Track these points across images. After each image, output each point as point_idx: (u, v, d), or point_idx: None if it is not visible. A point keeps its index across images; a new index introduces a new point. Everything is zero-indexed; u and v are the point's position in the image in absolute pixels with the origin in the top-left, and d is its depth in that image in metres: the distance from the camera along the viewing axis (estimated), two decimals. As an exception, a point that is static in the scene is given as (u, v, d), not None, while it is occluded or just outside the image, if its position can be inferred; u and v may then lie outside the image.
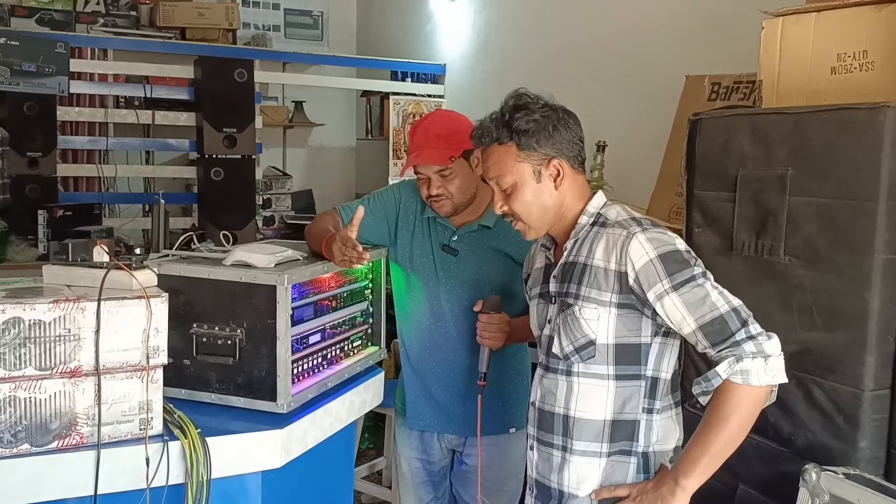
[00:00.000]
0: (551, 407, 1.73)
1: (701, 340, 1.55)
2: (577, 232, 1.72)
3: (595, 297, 1.64)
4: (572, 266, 1.70)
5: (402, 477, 2.51)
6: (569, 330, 1.67)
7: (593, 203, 1.74)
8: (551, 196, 1.71)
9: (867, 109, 1.75)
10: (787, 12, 2.09)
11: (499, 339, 2.11)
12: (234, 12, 5.38)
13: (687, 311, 1.54)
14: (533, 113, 1.69)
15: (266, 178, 5.26)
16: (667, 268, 1.56)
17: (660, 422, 1.67)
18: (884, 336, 1.76)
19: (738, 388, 1.50)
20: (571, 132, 1.72)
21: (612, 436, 1.66)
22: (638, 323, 1.63)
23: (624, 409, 1.65)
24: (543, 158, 1.70)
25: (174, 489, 1.61)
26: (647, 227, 1.62)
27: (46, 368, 1.52)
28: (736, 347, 1.50)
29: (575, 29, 4.12)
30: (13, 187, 3.94)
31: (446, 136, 2.18)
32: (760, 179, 1.98)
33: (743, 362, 1.49)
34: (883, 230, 1.73)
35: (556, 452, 1.72)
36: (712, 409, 1.54)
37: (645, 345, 1.65)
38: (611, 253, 1.62)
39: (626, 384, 1.65)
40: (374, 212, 2.33)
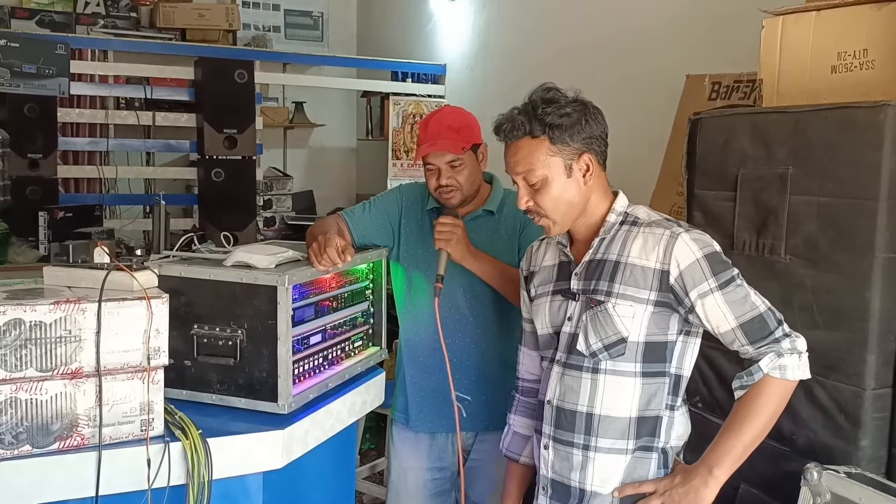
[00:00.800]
0: (573, 405, 1.71)
1: (739, 338, 1.59)
2: (606, 230, 1.72)
3: (632, 295, 1.64)
4: (601, 264, 1.70)
5: (405, 492, 2.40)
6: (598, 327, 1.67)
7: (620, 202, 1.75)
8: (580, 192, 1.71)
9: (867, 108, 1.75)
10: (787, 11, 2.09)
11: (451, 244, 2.18)
12: (235, 13, 5.38)
13: (729, 310, 1.58)
14: (564, 107, 1.68)
15: (266, 179, 5.26)
16: (712, 268, 1.59)
17: (678, 418, 1.70)
18: (885, 335, 1.76)
19: (775, 381, 1.56)
20: (600, 127, 1.72)
21: (637, 432, 1.67)
22: (667, 321, 1.65)
23: (649, 405, 1.67)
24: (575, 153, 1.69)
25: (175, 490, 1.61)
26: (687, 228, 1.65)
27: (47, 370, 1.52)
28: (776, 344, 1.56)
29: (575, 29, 4.12)
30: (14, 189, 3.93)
31: (458, 129, 2.27)
32: (761, 178, 1.98)
33: (783, 358, 1.55)
34: (884, 229, 1.73)
35: (577, 451, 1.70)
36: (747, 402, 1.58)
37: (671, 342, 1.67)
38: (651, 251, 1.64)
39: (651, 381, 1.67)
40: (376, 213, 2.38)
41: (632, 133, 3.50)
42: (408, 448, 2.40)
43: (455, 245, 2.19)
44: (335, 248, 1.96)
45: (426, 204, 2.38)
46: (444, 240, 2.18)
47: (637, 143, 3.44)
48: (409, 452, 2.40)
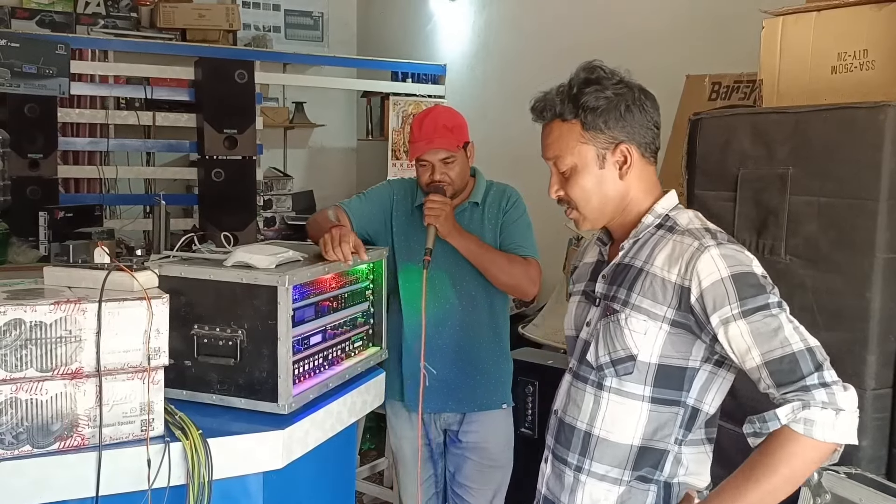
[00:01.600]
0: (573, 420, 1.56)
1: (764, 378, 1.35)
2: (638, 232, 1.54)
3: (647, 309, 1.45)
4: (626, 269, 1.52)
5: (402, 459, 2.64)
6: (609, 338, 1.50)
7: (663, 202, 1.55)
8: (614, 185, 1.52)
9: (868, 108, 1.76)
10: (787, 12, 2.09)
11: (440, 220, 2.31)
12: (235, 13, 5.38)
13: (754, 343, 1.35)
14: (605, 89, 1.49)
15: (267, 179, 5.26)
16: (739, 290, 1.36)
17: (691, 454, 1.50)
18: (885, 335, 1.76)
19: (798, 437, 1.29)
20: (647, 115, 1.52)
21: (636, 463, 1.49)
22: (689, 346, 1.45)
23: (655, 436, 1.48)
24: (610, 142, 1.51)
25: (176, 490, 1.61)
26: (722, 242, 1.43)
27: (48, 370, 1.52)
28: (805, 393, 1.30)
29: (575, 29, 4.12)
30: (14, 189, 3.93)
31: (452, 128, 2.43)
32: (761, 179, 1.98)
33: (809, 410, 1.29)
34: (884, 229, 1.73)
35: (569, 472, 1.56)
36: (761, 455, 1.34)
37: (691, 370, 1.46)
38: (675, 263, 1.44)
39: (661, 409, 1.47)
40: (371, 204, 2.55)
41: (632, 133, 3.51)
42: (402, 421, 2.60)
43: (444, 221, 2.34)
44: (350, 244, 2.03)
45: (416, 200, 2.52)
46: (434, 215, 2.33)
47: (637, 144, 3.44)
48: (403, 424, 2.60)
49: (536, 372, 2.94)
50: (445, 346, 2.48)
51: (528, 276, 2.42)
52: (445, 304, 2.47)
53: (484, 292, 2.49)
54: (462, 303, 2.48)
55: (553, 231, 3.84)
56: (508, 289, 2.48)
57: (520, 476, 2.76)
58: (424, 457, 2.59)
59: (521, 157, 4.80)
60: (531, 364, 2.99)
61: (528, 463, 2.87)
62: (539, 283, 2.47)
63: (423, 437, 2.57)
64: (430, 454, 2.62)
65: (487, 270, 2.41)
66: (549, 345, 3.57)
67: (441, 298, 2.46)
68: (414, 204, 2.53)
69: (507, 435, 2.57)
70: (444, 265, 2.44)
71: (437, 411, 2.52)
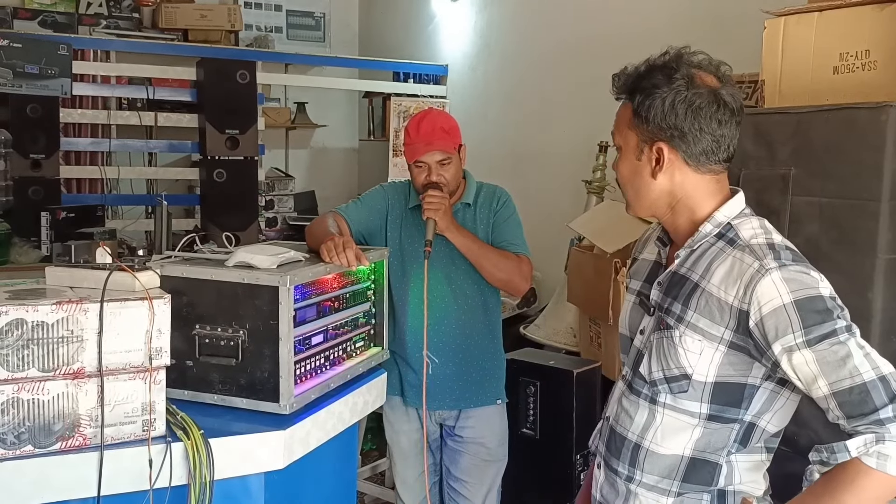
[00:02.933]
0: (624, 430, 1.52)
1: (833, 409, 1.28)
2: (695, 241, 1.44)
3: (703, 329, 1.38)
4: (682, 281, 1.44)
5: (399, 452, 2.69)
6: (662, 355, 1.43)
7: (725, 210, 1.44)
8: (648, 182, 1.45)
9: (869, 109, 1.76)
10: (789, 12, 2.09)
11: (439, 214, 2.38)
12: (237, 14, 5.38)
13: (821, 372, 1.27)
14: (666, 82, 1.40)
15: (268, 180, 5.26)
16: (802, 318, 1.28)
17: (745, 464, 1.45)
18: (887, 335, 1.76)
19: (869, 472, 1.23)
20: (699, 122, 1.39)
21: (685, 475, 1.44)
22: (749, 365, 1.38)
23: (707, 448, 1.43)
24: (650, 137, 1.43)
25: (177, 490, 1.61)
26: (785, 263, 1.33)
27: (49, 370, 1.52)
28: (879, 426, 1.23)
29: (576, 29, 4.12)
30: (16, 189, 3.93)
31: (448, 130, 2.50)
32: (763, 179, 1.98)
33: (884, 445, 1.22)
34: (886, 230, 1.73)
35: (621, 482, 1.52)
36: (826, 484, 1.28)
37: (751, 386, 1.39)
38: (733, 283, 1.35)
39: (717, 426, 1.41)
40: (367, 208, 2.60)
41: (633, 133, 3.51)
42: (399, 414, 2.65)
43: (442, 215, 2.40)
44: (355, 251, 2.07)
45: (409, 202, 2.58)
46: (433, 209, 2.39)
47: (639, 144, 3.44)
48: (400, 418, 2.66)
49: (538, 372, 2.95)
50: (441, 343, 2.52)
51: (520, 272, 2.49)
52: (441, 302, 2.51)
53: (478, 290, 2.54)
54: (457, 301, 2.53)
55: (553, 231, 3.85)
56: (501, 284, 2.54)
57: (516, 474, 2.79)
58: (421, 449, 2.64)
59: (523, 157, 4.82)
60: (532, 364, 2.99)
61: (526, 462, 2.88)
62: (530, 279, 2.55)
63: (419, 430, 2.63)
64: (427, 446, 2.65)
65: (482, 266, 2.47)
66: (551, 345, 3.57)
67: (437, 297, 2.50)
68: (408, 206, 2.58)
69: (502, 430, 2.63)
70: (440, 264, 2.49)
71: (433, 409, 2.57)
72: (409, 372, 2.57)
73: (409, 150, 2.51)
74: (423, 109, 2.74)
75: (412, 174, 2.53)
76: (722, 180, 1.48)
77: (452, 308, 2.53)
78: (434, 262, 2.43)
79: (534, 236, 2.69)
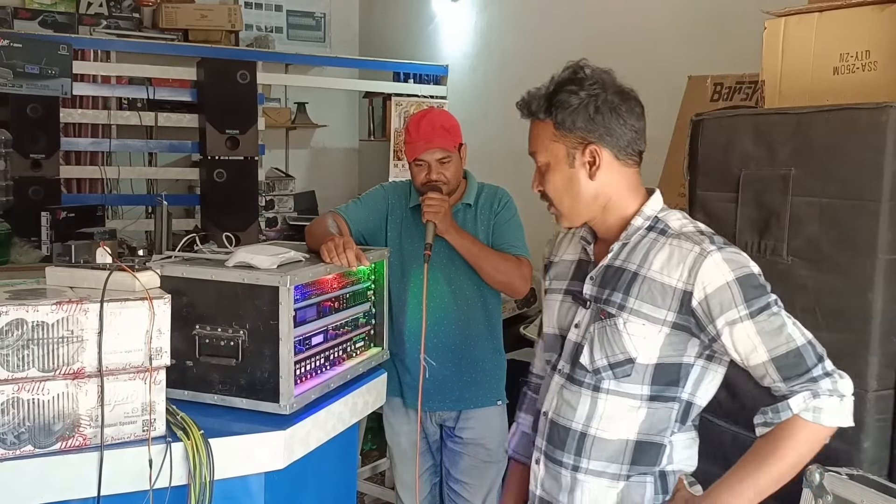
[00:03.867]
0: (567, 422, 1.57)
1: (771, 374, 1.41)
2: (628, 234, 1.55)
3: (647, 313, 1.48)
4: (618, 272, 1.53)
5: (400, 454, 2.70)
6: (606, 343, 1.51)
7: (651, 205, 1.57)
8: (585, 185, 1.54)
9: (870, 109, 1.75)
10: (789, 12, 2.09)
11: (439, 216, 2.38)
12: (237, 14, 5.38)
13: (760, 341, 1.40)
14: (579, 90, 1.51)
15: (269, 180, 5.26)
16: (744, 293, 1.41)
17: (685, 442, 1.55)
18: (887, 336, 1.76)
19: (806, 425, 1.37)
20: (620, 118, 1.52)
21: (633, 458, 1.52)
22: (685, 343, 1.49)
23: (651, 430, 1.51)
24: (580, 142, 1.52)
25: (177, 490, 1.61)
26: (721, 246, 1.46)
27: (49, 370, 1.52)
28: (812, 383, 1.38)
29: (577, 29, 4.12)
30: (16, 189, 3.93)
31: (448, 129, 2.50)
32: (763, 180, 1.98)
33: (819, 399, 1.37)
34: (886, 230, 1.73)
35: (566, 472, 1.56)
36: (770, 442, 1.41)
37: (686, 365, 1.50)
38: (675, 268, 1.46)
39: (658, 406, 1.50)
40: (367, 208, 2.59)
41: (634, 134, 3.51)
42: (399, 416, 2.66)
43: (442, 218, 2.40)
44: (355, 251, 2.07)
45: (409, 202, 2.58)
46: (433, 212, 2.39)
47: (639, 144, 3.44)
48: (399, 419, 2.66)
49: (538, 373, 2.94)
50: (442, 344, 2.52)
51: (520, 275, 2.48)
52: (441, 303, 2.51)
53: (478, 291, 2.54)
54: (457, 302, 2.53)
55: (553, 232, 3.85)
56: (501, 286, 2.54)
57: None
58: (422, 450, 2.66)
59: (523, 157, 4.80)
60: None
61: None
62: (530, 281, 2.55)
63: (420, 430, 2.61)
64: (426, 447, 2.68)
65: (482, 268, 2.46)
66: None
67: (437, 298, 2.50)
68: (408, 206, 2.58)
69: (502, 431, 2.61)
70: (440, 265, 2.49)
71: (433, 409, 2.58)
72: (408, 373, 2.57)
73: (409, 149, 2.51)
74: (424, 109, 2.74)
75: (412, 173, 2.53)
76: (639, 175, 1.60)
77: (452, 309, 2.53)
78: (434, 263, 2.43)
79: (534, 237, 2.69)
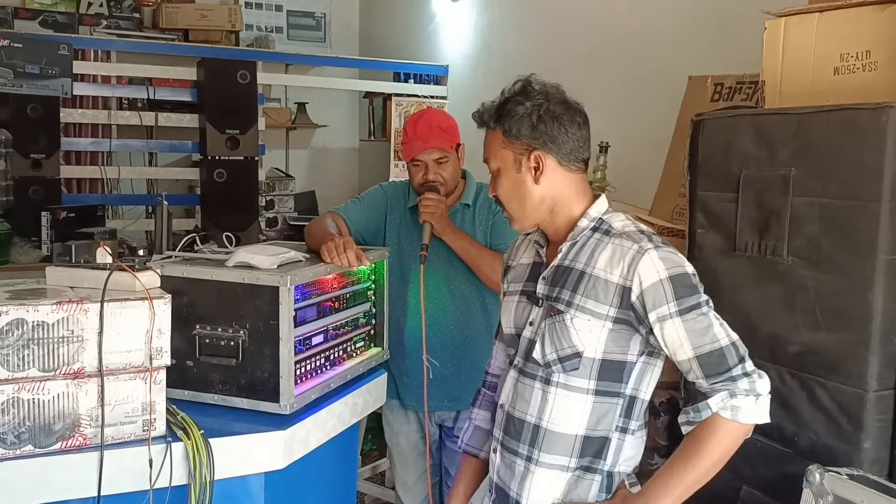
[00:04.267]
0: (522, 414, 1.66)
1: (695, 370, 1.51)
2: (575, 235, 1.65)
3: (591, 309, 1.57)
4: (567, 271, 1.63)
5: (399, 454, 2.71)
6: (555, 337, 1.61)
7: (595, 207, 1.67)
8: (532, 189, 1.65)
9: (870, 110, 1.75)
10: (789, 13, 2.09)
11: (435, 217, 2.40)
12: (237, 14, 5.38)
13: (687, 339, 1.50)
14: (525, 101, 1.64)
15: (269, 180, 5.26)
16: (676, 291, 1.51)
17: (631, 442, 1.63)
18: (887, 336, 1.76)
19: (726, 423, 1.47)
20: (563, 127, 1.63)
21: (581, 451, 1.61)
22: (628, 340, 1.58)
23: (598, 425, 1.60)
24: (525, 149, 1.64)
25: (177, 490, 1.61)
26: (658, 245, 1.56)
27: (50, 370, 1.52)
28: (731, 383, 1.47)
29: (577, 30, 4.12)
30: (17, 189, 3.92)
31: (446, 129, 2.51)
32: (763, 180, 1.98)
33: (736, 399, 1.46)
34: (886, 231, 1.73)
35: (520, 462, 1.66)
36: (694, 440, 1.50)
37: (630, 363, 1.59)
38: (616, 265, 1.56)
39: (604, 400, 1.60)
40: (367, 208, 2.59)
41: (634, 134, 3.51)
42: (398, 416, 2.67)
43: (439, 218, 2.41)
44: (355, 251, 2.08)
45: (408, 202, 2.58)
46: (430, 213, 2.40)
47: (639, 145, 3.44)
48: (399, 419, 2.67)
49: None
50: (441, 344, 2.52)
51: None
52: (440, 303, 2.52)
53: (476, 291, 2.54)
54: (456, 302, 2.54)
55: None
56: (498, 287, 2.51)
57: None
58: (421, 450, 2.67)
59: (523, 158, 4.81)
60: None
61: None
62: None
63: (418, 431, 2.65)
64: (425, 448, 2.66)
65: (479, 269, 2.47)
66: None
67: (435, 298, 2.50)
68: (407, 206, 2.58)
69: None
70: (438, 266, 2.49)
71: (432, 410, 2.57)
72: (406, 375, 2.56)
73: (406, 149, 2.52)
74: (421, 110, 2.75)
75: (410, 173, 2.54)
76: (585, 181, 1.71)
77: (450, 308, 2.53)
78: (432, 263, 2.43)
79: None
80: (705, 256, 2.13)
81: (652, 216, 2.84)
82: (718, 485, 1.61)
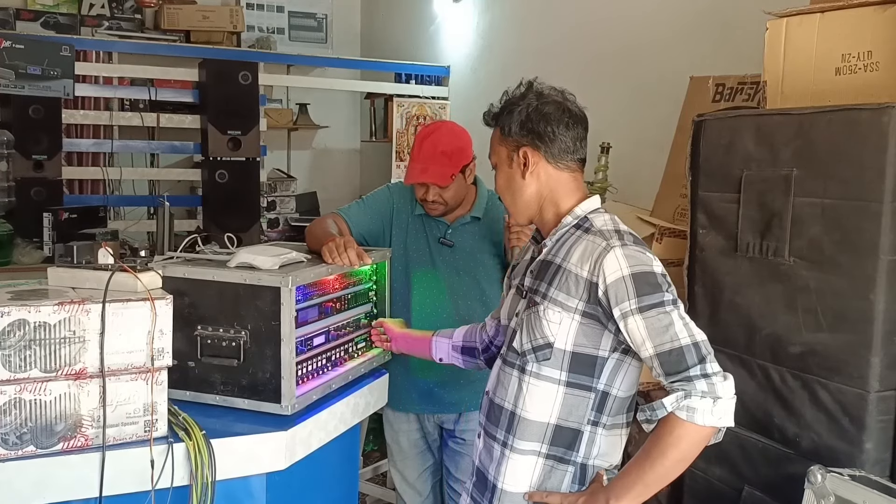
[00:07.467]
0: (501, 401, 1.72)
1: (656, 368, 1.53)
2: (557, 230, 1.71)
3: (562, 301, 1.62)
4: (548, 265, 1.69)
5: (399, 453, 2.69)
6: (531, 328, 1.66)
7: (583, 205, 1.71)
8: (520, 184, 1.72)
9: (872, 110, 1.75)
10: (791, 13, 2.09)
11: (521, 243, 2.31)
12: (239, 15, 5.39)
13: (647, 336, 1.52)
14: (521, 101, 1.72)
15: (270, 181, 5.26)
16: (637, 288, 1.54)
17: (605, 437, 1.65)
18: (889, 337, 1.76)
19: (682, 423, 1.48)
20: (550, 126, 1.69)
21: (552, 439, 1.65)
22: (599, 336, 1.61)
23: (569, 416, 1.64)
24: (515, 145, 1.72)
25: (179, 491, 1.62)
26: (627, 243, 1.60)
27: (51, 370, 1.52)
28: (687, 383, 1.48)
29: (578, 30, 4.12)
30: (19, 190, 3.94)
31: (450, 154, 2.41)
32: (765, 180, 1.97)
33: (691, 399, 1.47)
34: (888, 231, 1.73)
35: (497, 446, 1.71)
36: (653, 439, 1.53)
37: (601, 358, 1.62)
38: (586, 260, 1.60)
39: (574, 393, 1.63)
40: (370, 210, 2.54)
41: (636, 135, 3.51)
42: (398, 417, 2.65)
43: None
44: (356, 250, 2.07)
45: (414, 209, 2.54)
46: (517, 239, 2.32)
47: (641, 145, 3.44)
48: (399, 418, 2.65)
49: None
50: None
51: None
52: (442, 313, 2.50)
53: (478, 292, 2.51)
54: (456, 303, 2.51)
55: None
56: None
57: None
58: (421, 449, 2.67)
59: (525, 159, 4.81)
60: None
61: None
62: None
63: (418, 430, 2.65)
64: (426, 446, 2.68)
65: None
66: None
67: (435, 299, 2.49)
68: (413, 212, 2.54)
69: None
70: (442, 271, 2.49)
71: (432, 413, 2.58)
72: (408, 375, 2.54)
73: (408, 169, 2.47)
74: (437, 121, 2.67)
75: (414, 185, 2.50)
76: (579, 180, 1.75)
77: (451, 309, 2.51)
78: (437, 268, 2.42)
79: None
80: (707, 257, 2.13)
81: (653, 217, 2.84)
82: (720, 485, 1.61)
